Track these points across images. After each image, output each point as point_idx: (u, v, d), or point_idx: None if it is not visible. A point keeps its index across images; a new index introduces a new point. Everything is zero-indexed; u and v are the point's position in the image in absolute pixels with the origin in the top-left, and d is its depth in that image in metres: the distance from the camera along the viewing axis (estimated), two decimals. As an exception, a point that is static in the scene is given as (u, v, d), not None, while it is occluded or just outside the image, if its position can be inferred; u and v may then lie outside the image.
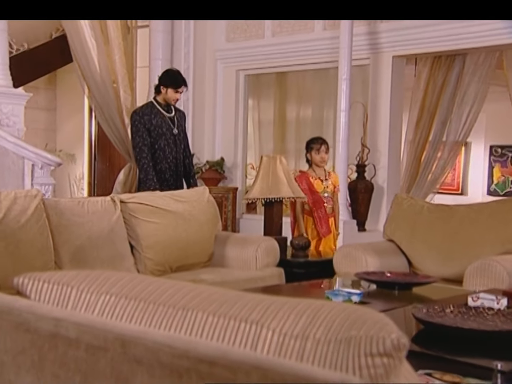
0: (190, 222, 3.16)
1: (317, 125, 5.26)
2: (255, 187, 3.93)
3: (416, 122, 5.15)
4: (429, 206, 3.29)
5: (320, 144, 3.78)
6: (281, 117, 5.48)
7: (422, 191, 4.97)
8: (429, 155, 5.04)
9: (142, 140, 3.78)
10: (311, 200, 3.74)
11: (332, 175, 3.88)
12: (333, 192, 3.83)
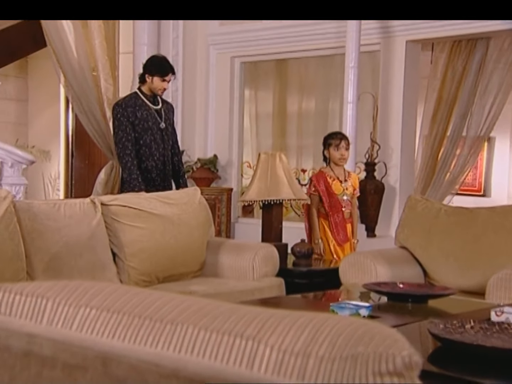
0: (179, 227, 3.17)
1: (321, 119, 5.29)
2: (252, 188, 3.95)
3: (433, 115, 5.17)
4: (447, 209, 3.30)
5: (340, 139, 3.78)
6: (281, 110, 5.51)
7: (439, 192, 4.99)
8: (447, 152, 5.07)
9: (126, 135, 3.78)
10: (328, 203, 3.74)
11: (352, 176, 3.88)
12: (352, 194, 3.84)
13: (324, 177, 3.78)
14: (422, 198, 3.45)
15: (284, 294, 3.21)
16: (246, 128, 5.60)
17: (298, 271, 3.57)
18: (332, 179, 3.76)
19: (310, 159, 5.37)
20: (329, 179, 3.76)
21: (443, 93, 5.14)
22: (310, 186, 3.86)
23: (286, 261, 3.81)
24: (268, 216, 3.93)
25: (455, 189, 5.18)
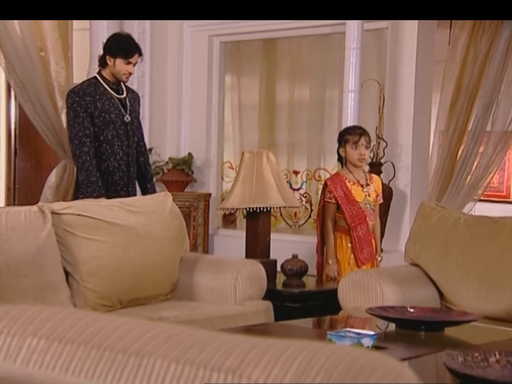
0: (146, 240, 3.17)
1: (317, 110, 5.32)
2: (234, 193, 3.97)
3: (451, 106, 5.22)
4: (467, 218, 3.34)
5: (359, 135, 3.77)
6: (269, 100, 5.53)
7: (458, 198, 5.04)
8: (468, 150, 5.12)
9: (83, 129, 3.77)
10: (349, 213, 3.70)
11: (374, 179, 3.87)
12: (375, 201, 3.83)
13: (342, 181, 3.74)
14: (437, 206, 3.48)
15: (272, 320, 3.22)
16: (227, 122, 5.62)
17: (289, 293, 3.59)
18: (352, 184, 3.74)
19: (303, 158, 5.41)
20: (348, 183, 3.74)
21: (463, 79, 5.18)
22: (325, 192, 3.80)
23: (275, 281, 3.82)
24: (254, 227, 3.94)
25: (477, 195, 5.23)
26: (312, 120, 5.36)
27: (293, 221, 5.35)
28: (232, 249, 4.61)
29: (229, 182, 5.25)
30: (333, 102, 5.22)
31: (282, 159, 5.29)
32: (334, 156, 5.31)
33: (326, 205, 3.78)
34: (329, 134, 5.25)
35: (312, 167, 5.36)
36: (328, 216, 3.76)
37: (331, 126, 5.23)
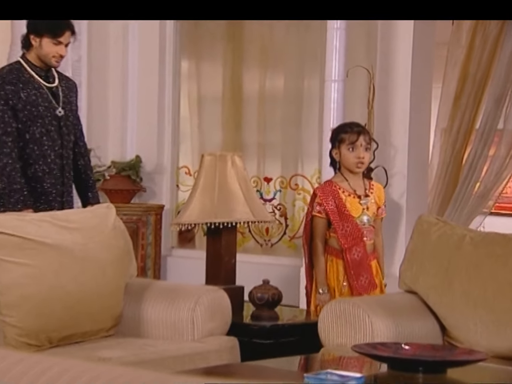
0: (83, 263, 3.15)
1: (293, 104, 5.35)
2: (192, 205, 3.97)
3: (455, 99, 5.28)
4: (475, 236, 3.36)
5: (357, 134, 3.74)
6: (235, 91, 5.55)
7: (464, 211, 5.09)
8: (476, 152, 5.17)
9: (3, 126, 3.74)
10: (342, 232, 3.68)
11: (375, 188, 3.84)
12: (376, 216, 3.81)
13: (334, 190, 3.73)
14: (438, 220, 3.49)
15: (238, 360, 3.22)
16: (183, 118, 5.63)
17: (259, 327, 3.60)
18: (346, 194, 3.72)
19: (277, 163, 5.45)
20: (341, 193, 3.72)
21: (470, 67, 5.24)
22: (313, 204, 3.77)
23: (241, 312, 3.82)
24: (216, 247, 3.94)
25: (487, 207, 5.29)
26: (287, 116, 5.39)
27: (264, 239, 5.36)
28: (190, 274, 4.60)
29: (186, 192, 5.24)
30: (312, 94, 5.25)
31: (251, 163, 5.31)
32: (314, 160, 5.38)
33: (315, 220, 3.73)
34: (308, 133, 5.28)
35: (287, 173, 5.39)
36: (317, 234, 3.73)
37: (310, 124, 5.27)
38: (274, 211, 5.35)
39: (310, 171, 5.29)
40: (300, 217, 5.37)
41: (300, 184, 5.34)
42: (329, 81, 4.60)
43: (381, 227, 3.89)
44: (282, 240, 5.33)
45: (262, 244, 5.37)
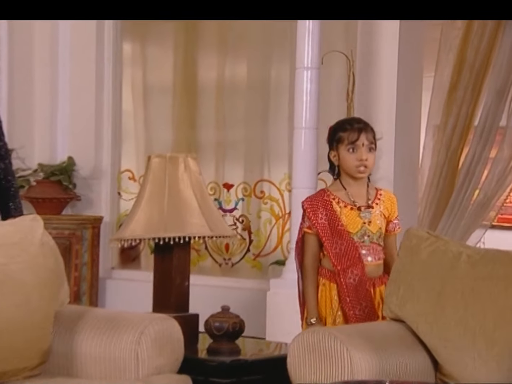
0: (3, 287, 3.13)
1: (258, 96, 5.37)
2: (136, 217, 3.95)
3: (450, 90, 5.33)
4: (473, 253, 3.35)
5: (358, 132, 3.64)
6: (189, 80, 5.56)
7: (461, 223, 5.13)
8: (475, 154, 5.22)
9: None
10: (334, 251, 3.66)
11: (384, 198, 3.75)
12: (385, 233, 3.76)
13: (327, 202, 3.69)
14: (430, 235, 3.48)
15: (192, 404, 3.22)
16: (126, 112, 5.63)
17: (217, 363, 3.58)
18: (342, 206, 3.68)
19: (239, 166, 5.47)
20: (335, 205, 3.69)
21: (467, 53, 5.28)
22: (304, 218, 3.76)
23: (196, 345, 3.82)
24: (166, 267, 3.93)
25: (488, 219, 5.32)
26: (251, 110, 5.41)
27: (223, 258, 5.36)
28: (133, 299, 4.59)
29: (129, 201, 5.26)
30: (281, 84, 5.28)
31: (208, 166, 5.32)
32: (283, 163, 5.36)
33: (305, 237, 3.72)
34: (276, 131, 5.29)
35: (251, 178, 5.41)
36: (307, 253, 3.71)
37: (279, 119, 5.30)
38: (235, 223, 5.36)
39: (278, 176, 5.30)
40: (266, 231, 5.37)
41: (266, 191, 5.34)
42: (301, 69, 4.62)
43: (395, 246, 3.80)
44: (245, 259, 5.33)
45: (221, 263, 5.37)
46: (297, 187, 4.73)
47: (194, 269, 4.49)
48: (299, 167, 4.70)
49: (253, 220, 5.37)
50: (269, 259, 5.40)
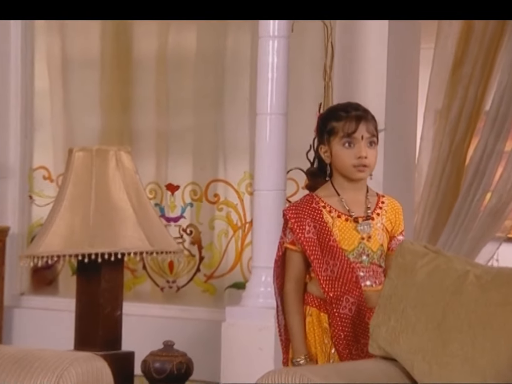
0: None
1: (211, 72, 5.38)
2: (53, 228, 3.92)
3: (454, 66, 5.37)
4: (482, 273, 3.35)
5: (356, 121, 3.57)
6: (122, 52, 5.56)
7: (468, 235, 5.17)
8: (486, 147, 5.27)
9: None
10: (324, 274, 3.66)
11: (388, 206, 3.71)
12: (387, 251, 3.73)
13: (315, 209, 3.69)
14: (428, 250, 3.49)
15: None
16: (40, 92, 5.62)
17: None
18: (335, 215, 3.69)
19: (187, 162, 5.48)
20: (326, 214, 3.68)
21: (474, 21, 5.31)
22: (285, 230, 3.72)
23: (130, 391, 3.81)
24: (91, 292, 3.91)
25: (503, 229, 5.41)
26: (201, 90, 5.41)
27: (166, 280, 5.35)
28: (49, 333, 4.61)
29: (44, 206, 5.24)
30: (240, 57, 5.29)
31: (147, 162, 5.33)
32: (242, 158, 5.33)
33: (287, 254, 3.70)
34: (234, 117, 5.30)
35: (202, 178, 5.42)
36: (290, 274, 3.70)
37: (237, 102, 5.31)
38: (182, 236, 5.35)
39: (237, 174, 5.31)
40: (222, 245, 5.36)
41: (222, 194, 5.34)
42: (266, 38, 4.62)
43: None
44: (194, 281, 5.33)
45: (164, 287, 5.36)
46: (260, 189, 4.73)
47: (129, 294, 4.48)
48: (264, 164, 4.71)
49: (204, 231, 5.36)
50: (225, 282, 5.40)
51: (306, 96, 4.80)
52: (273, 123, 4.65)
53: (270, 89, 4.60)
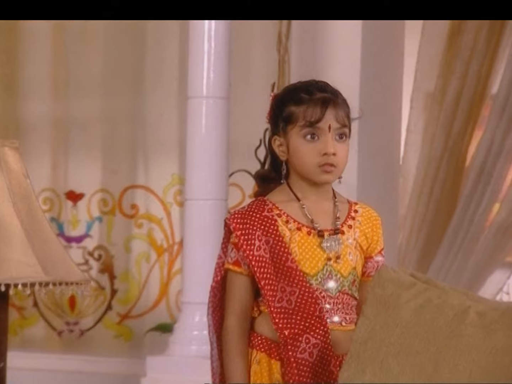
0: None
1: (126, 41, 5.47)
2: None
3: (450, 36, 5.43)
4: (487, 309, 3.38)
5: (322, 105, 3.59)
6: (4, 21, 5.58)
7: (470, 260, 5.22)
8: (492, 142, 5.31)
9: None
10: (278, 305, 3.65)
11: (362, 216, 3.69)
12: (362, 277, 3.70)
13: (267, 219, 3.70)
14: (416, 279, 3.50)
15: None
16: None
17: None
18: (293, 227, 3.68)
19: (94, 162, 5.54)
20: (282, 225, 3.69)
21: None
22: (226, 246, 3.69)
23: None
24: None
25: (516, 252, 5.49)
26: (113, 68, 5.50)
27: (66, 321, 5.36)
28: None
29: None
30: (165, 22, 5.30)
31: (40, 161, 5.39)
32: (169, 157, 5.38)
33: (230, 278, 3.68)
34: (157, 101, 5.34)
35: (114, 184, 5.51)
36: (232, 306, 3.70)
37: (162, 83, 5.41)
38: (87, 261, 5.39)
39: (162, 179, 5.36)
40: (141, 273, 5.41)
41: (141, 206, 5.39)
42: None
43: None
44: (103, 323, 5.36)
45: (62, 330, 5.39)
46: (194, 198, 4.78)
47: (15, 340, 4.51)
48: (198, 164, 4.76)
49: (118, 255, 5.40)
50: (146, 323, 5.43)
51: (255, 74, 4.87)
52: (211, 110, 4.70)
53: (206, 64, 4.65)
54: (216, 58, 4.63)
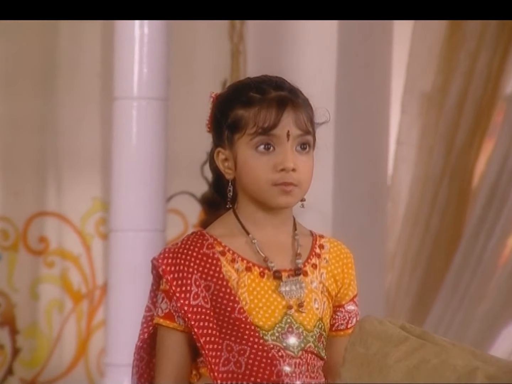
0: None
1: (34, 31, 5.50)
2: None
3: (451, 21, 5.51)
4: (498, 371, 3.40)
5: (279, 106, 3.60)
6: None
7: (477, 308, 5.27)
8: (508, 156, 5.42)
9: None
10: (223, 371, 3.64)
11: (329, 251, 3.72)
12: (330, 333, 3.80)
13: (208, 259, 3.73)
14: (407, 332, 3.59)
15: None
16: None
17: None
18: (242, 267, 3.71)
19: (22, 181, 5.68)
20: (227, 265, 3.71)
21: None
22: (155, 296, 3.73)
23: None
24: None
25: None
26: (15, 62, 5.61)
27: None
28: None
29: None
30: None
31: None
32: (89, 174, 5.48)
33: (161, 335, 3.74)
34: (72, 105, 5.44)
35: (16, 210, 5.60)
36: (164, 368, 3.73)
37: (80, 81, 5.50)
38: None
39: (79, 204, 5.44)
40: (53, 327, 5.49)
41: (53, 239, 5.46)
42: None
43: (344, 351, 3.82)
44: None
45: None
46: (121, 228, 4.88)
47: None
48: (127, 185, 4.88)
49: (22, 303, 5.48)
50: (56, 393, 5.49)
51: (202, 68, 4.98)
52: (143, 115, 4.80)
53: (137, 57, 4.76)
54: (150, 49, 4.71)
